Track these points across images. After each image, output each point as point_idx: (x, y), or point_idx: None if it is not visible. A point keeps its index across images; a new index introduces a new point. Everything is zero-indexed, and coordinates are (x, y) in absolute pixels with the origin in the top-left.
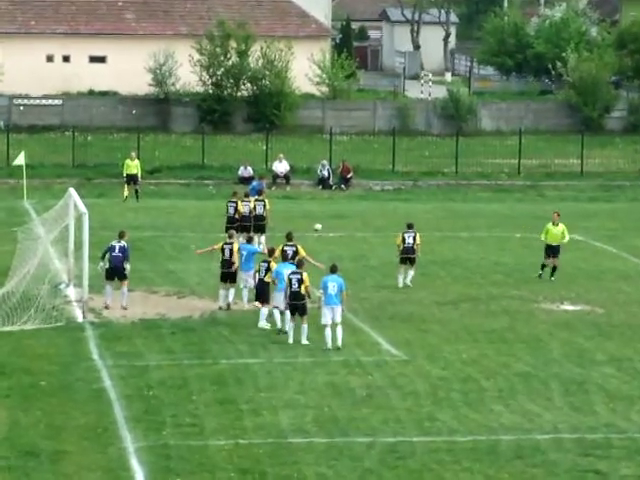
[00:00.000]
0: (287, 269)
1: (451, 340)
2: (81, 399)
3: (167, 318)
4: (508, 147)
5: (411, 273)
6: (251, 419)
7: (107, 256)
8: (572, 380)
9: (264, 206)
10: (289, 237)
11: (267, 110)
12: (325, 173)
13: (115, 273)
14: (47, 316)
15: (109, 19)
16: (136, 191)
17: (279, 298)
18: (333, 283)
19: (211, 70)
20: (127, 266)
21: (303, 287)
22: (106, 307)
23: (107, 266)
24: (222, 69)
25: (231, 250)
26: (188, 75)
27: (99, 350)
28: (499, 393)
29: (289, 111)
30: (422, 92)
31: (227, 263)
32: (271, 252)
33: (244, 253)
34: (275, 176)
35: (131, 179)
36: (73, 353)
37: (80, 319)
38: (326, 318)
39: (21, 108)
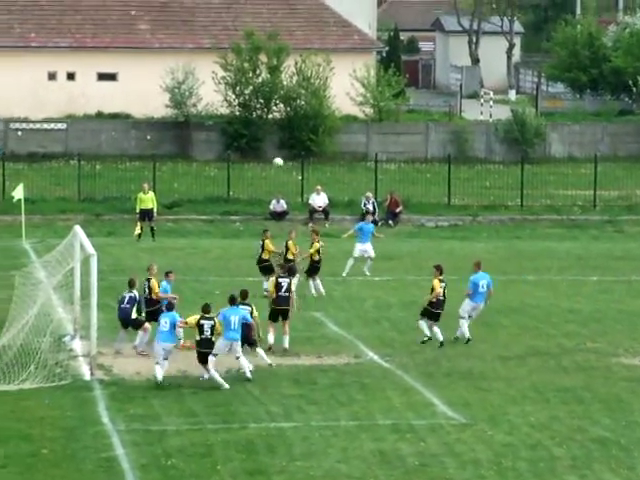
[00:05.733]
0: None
1: (517, 400)
2: (89, 470)
3: (188, 375)
4: (582, 176)
5: None
6: None
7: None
8: None
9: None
10: None
11: (303, 135)
12: (370, 207)
13: (126, 325)
14: (49, 373)
15: (120, 30)
16: (152, 229)
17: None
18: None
19: (238, 89)
20: (134, 315)
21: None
22: (117, 352)
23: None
24: (251, 87)
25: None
26: (211, 95)
27: (109, 412)
28: (573, 462)
29: (328, 136)
30: (482, 113)
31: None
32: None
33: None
34: (312, 211)
35: (145, 215)
36: (79, 416)
37: (88, 376)
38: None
39: (19, 134)
